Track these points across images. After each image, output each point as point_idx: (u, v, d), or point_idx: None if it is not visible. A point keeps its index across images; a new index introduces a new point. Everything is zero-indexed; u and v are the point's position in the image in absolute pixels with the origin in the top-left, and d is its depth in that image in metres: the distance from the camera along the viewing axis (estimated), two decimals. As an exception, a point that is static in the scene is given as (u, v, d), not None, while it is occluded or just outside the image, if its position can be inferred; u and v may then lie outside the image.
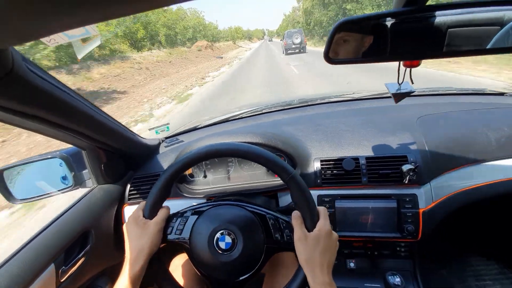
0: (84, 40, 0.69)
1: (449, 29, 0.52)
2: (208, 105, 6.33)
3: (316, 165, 0.92)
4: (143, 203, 0.64)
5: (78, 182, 0.92)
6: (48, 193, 0.91)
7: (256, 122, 1.17)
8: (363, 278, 0.93)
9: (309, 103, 1.29)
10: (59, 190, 0.92)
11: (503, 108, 1.07)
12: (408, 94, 0.60)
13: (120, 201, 0.98)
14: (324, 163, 0.92)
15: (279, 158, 0.60)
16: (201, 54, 24.12)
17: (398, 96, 0.60)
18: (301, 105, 1.28)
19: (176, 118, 5.48)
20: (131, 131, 0.97)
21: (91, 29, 0.47)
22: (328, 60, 0.58)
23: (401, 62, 0.57)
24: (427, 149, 0.89)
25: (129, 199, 0.98)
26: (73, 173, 0.91)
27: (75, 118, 0.67)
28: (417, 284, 0.90)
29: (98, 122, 0.75)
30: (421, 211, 0.85)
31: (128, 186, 0.99)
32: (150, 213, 0.62)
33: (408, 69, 0.58)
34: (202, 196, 0.97)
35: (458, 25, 0.53)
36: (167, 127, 1.16)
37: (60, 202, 2.68)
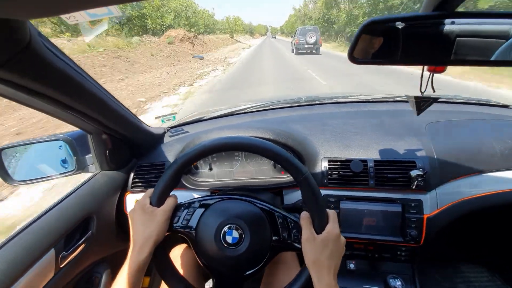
0: (93, 23, 0.66)
1: (457, 38, 0.53)
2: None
3: (323, 165, 0.92)
4: (150, 190, 0.63)
5: (81, 167, 0.90)
6: (48, 176, 0.89)
7: (263, 118, 1.16)
8: (362, 279, 0.94)
9: (317, 102, 1.28)
10: (60, 174, 0.89)
11: (507, 120, 1.08)
12: (432, 102, 0.59)
13: (122, 189, 0.96)
14: (331, 163, 0.92)
15: (293, 157, 0.60)
16: (170, 51, 15.55)
17: (421, 105, 0.59)
18: (308, 103, 1.27)
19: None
20: (138, 118, 0.95)
21: (114, 9, 0.45)
22: (352, 60, 0.57)
23: (426, 68, 0.56)
24: (435, 156, 0.89)
25: (132, 187, 0.96)
26: (76, 157, 0.89)
27: (86, 100, 0.65)
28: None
29: (108, 107, 0.73)
30: (425, 217, 0.85)
31: (132, 174, 0.97)
32: (158, 201, 0.60)
33: (430, 76, 0.58)
34: (206, 188, 0.96)
35: (466, 35, 0.53)
36: (174, 117, 1.14)
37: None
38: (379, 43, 0.59)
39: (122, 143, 0.92)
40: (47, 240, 0.67)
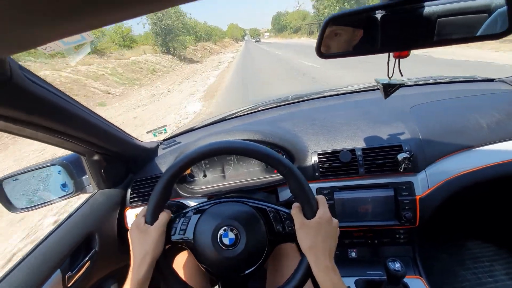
0: (77, 47, 0.69)
1: (438, 19, 0.54)
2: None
3: (313, 159, 0.94)
4: (144, 208, 0.65)
5: (79, 188, 0.93)
6: (49, 201, 0.91)
7: (253, 120, 1.19)
8: (365, 266, 0.95)
9: (304, 99, 1.30)
10: (59, 197, 0.92)
11: (492, 93, 1.09)
12: (398, 87, 0.62)
13: (122, 205, 0.99)
14: (321, 156, 0.94)
15: (275, 152, 0.61)
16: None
17: (388, 90, 0.61)
18: (296, 100, 1.29)
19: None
20: (129, 135, 0.98)
21: (87, 35, 0.48)
22: (320, 55, 0.59)
23: (391, 54, 0.58)
24: (420, 137, 0.91)
25: (130, 203, 0.98)
26: (74, 180, 0.92)
27: (74, 124, 0.68)
28: (418, 269, 0.92)
29: (96, 127, 0.76)
30: (417, 198, 0.87)
31: (129, 189, 0.99)
32: (151, 218, 0.62)
33: (397, 62, 0.60)
34: (202, 195, 0.98)
35: (447, 14, 0.54)
36: (165, 129, 1.17)
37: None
38: (360, 35, 0.61)
39: (116, 161, 0.95)
40: (52, 261, 0.70)
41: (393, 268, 0.74)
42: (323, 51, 0.59)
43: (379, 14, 0.55)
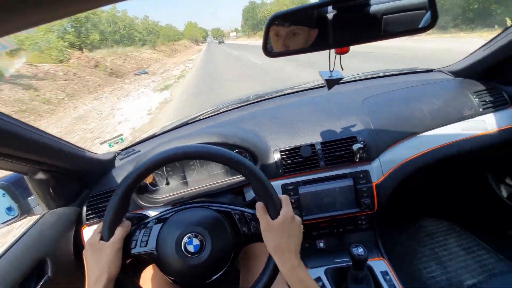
0: (11, 55, 0.63)
1: (383, 16, 0.58)
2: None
3: (276, 156, 0.96)
4: (100, 225, 0.61)
5: (25, 211, 0.84)
6: None
7: (214, 122, 1.17)
8: (333, 255, 0.99)
9: (265, 98, 1.32)
10: (3, 223, 0.83)
11: (432, 83, 1.20)
12: (339, 80, 0.65)
13: (78, 223, 0.92)
14: (283, 153, 0.95)
15: (235, 153, 0.61)
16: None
17: (331, 83, 0.65)
18: (257, 100, 1.31)
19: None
20: (80, 148, 0.91)
21: (7, 42, 0.43)
22: (267, 53, 0.60)
23: (332, 51, 0.61)
24: (372, 127, 0.97)
25: (87, 220, 0.92)
26: (18, 202, 0.83)
27: (9, 142, 0.61)
28: (380, 251, 0.98)
29: (38, 143, 0.69)
30: (374, 184, 0.92)
31: (85, 206, 0.93)
32: (107, 234, 0.59)
33: (336, 57, 0.63)
34: (166, 204, 0.95)
35: (391, 12, 0.58)
36: (121, 139, 1.11)
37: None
38: (315, 34, 0.63)
39: (66, 177, 0.88)
40: None
41: (356, 253, 0.78)
42: (269, 50, 0.60)
43: (330, 13, 0.58)
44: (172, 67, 17.79)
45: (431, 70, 1.35)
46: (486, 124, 1.07)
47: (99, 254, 0.57)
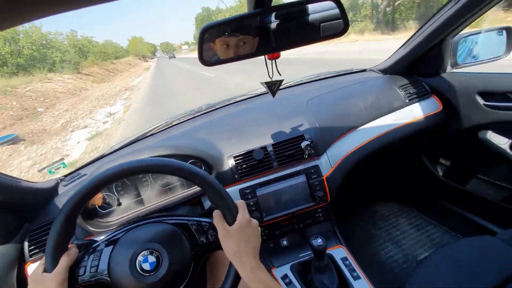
0: None
1: (306, 24, 0.63)
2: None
3: (230, 162, 0.97)
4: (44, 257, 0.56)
5: None
6: None
7: (166, 136, 1.15)
8: (296, 251, 1.03)
9: (217, 107, 1.34)
10: None
11: (365, 81, 1.34)
12: (279, 83, 0.70)
13: (20, 261, 0.82)
14: (237, 158, 0.97)
15: (187, 164, 0.60)
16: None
17: (272, 88, 0.69)
18: (208, 110, 1.32)
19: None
20: (15, 178, 0.83)
21: None
22: (203, 62, 0.62)
23: (266, 58, 0.65)
24: (317, 125, 1.05)
25: (30, 256, 0.83)
26: None
27: None
28: (338, 240, 1.04)
29: None
30: (324, 177, 0.99)
31: (26, 242, 0.83)
32: (51, 265, 0.54)
33: (272, 63, 0.67)
34: (119, 226, 0.90)
35: (306, 21, 0.62)
36: (63, 163, 1.03)
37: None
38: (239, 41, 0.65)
39: (1, 212, 0.79)
40: None
41: (316, 244, 0.82)
42: (206, 59, 0.62)
43: (253, 23, 0.62)
44: (99, 104, 10.94)
45: (364, 70, 1.50)
46: (414, 112, 1.22)
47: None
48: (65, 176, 1.04)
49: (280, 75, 0.69)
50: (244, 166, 0.97)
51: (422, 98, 1.25)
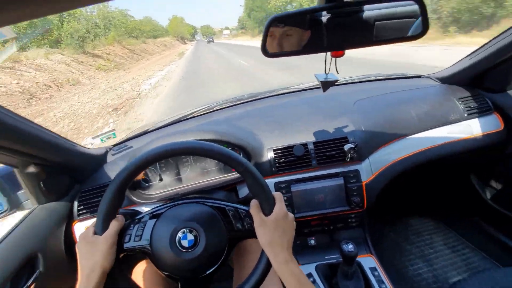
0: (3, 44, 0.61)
1: (376, 22, 0.60)
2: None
3: (269, 155, 0.97)
4: (95, 219, 0.61)
5: (15, 205, 0.83)
6: None
7: (208, 120, 1.18)
8: (323, 252, 1.02)
9: (259, 97, 1.33)
10: None
11: (421, 88, 1.25)
12: (334, 82, 0.67)
13: (69, 219, 0.91)
14: (276, 152, 0.97)
15: (231, 151, 0.62)
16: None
17: (326, 85, 0.67)
18: (251, 99, 1.32)
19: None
20: (72, 142, 0.90)
21: (7, 31, 0.43)
22: (265, 54, 0.61)
23: (328, 53, 0.63)
24: (363, 129, 1.00)
25: (78, 215, 0.91)
26: (7, 196, 0.82)
27: (1, 132, 0.60)
28: (369, 248, 1.01)
29: (29, 135, 0.68)
30: (363, 183, 0.95)
31: (76, 201, 0.92)
32: (101, 228, 0.59)
33: (332, 60, 0.65)
34: (159, 200, 0.95)
35: (383, 18, 0.61)
36: (114, 134, 1.10)
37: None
38: (307, 35, 0.65)
39: (57, 171, 0.87)
40: None
41: (346, 249, 0.80)
42: (269, 50, 0.61)
43: (324, 17, 0.60)
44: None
45: (419, 76, 1.39)
46: (472, 128, 1.12)
47: (92, 248, 0.57)
48: (113, 146, 1.11)
49: (338, 73, 0.66)
50: (283, 160, 0.97)
51: (483, 114, 1.14)
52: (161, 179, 0.99)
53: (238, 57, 15.16)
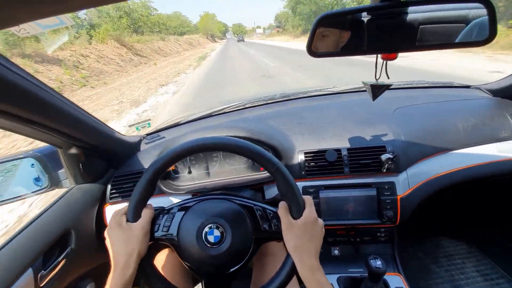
0: (53, 33, 0.65)
1: (420, 26, 0.56)
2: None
3: (300, 157, 0.94)
4: (125, 207, 0.62)
5: (54, 183, 0.88)
6: (20, 196, 0.86)
7: (239, 117, 1.17)
8: (347, 264, 0.97)
9: (291, 97, 1.31)
10: (32, 192, 0.87)
11: (469, 99, 1.15)
12: (386, 88, 0.63)
13: (101, 201, 0.95)
14: (307, 155, 0.94)
15: (264, 150, 0.61)
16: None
17: (375, 89, 0.63)
18: (283, 99, 1.29)
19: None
20: (111, 128, 0.94)
21: (66, 18, 0.45)
22: (311, 53, 0.59)
23: (379, 56, 0.59)
24: (403, 139, 0.94)
25: (110, 198, 0.94)
26: (49, 174, 0.87)
27: (50, 114, 0.64)
28: (396, 266, 0.95)
29: (75, 118, 0.72)
30: (399, 197, 0.90)
31: (109, 185, 0.95)
32: (134, 216, 0.60)
33: (384, 64, 0.61)
34: (187, 192, 0.96)
35: (429, 22, 0.56)
36: (148, 123, 1.13)
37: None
38: (347, 36, 0.62)
39: (95, 155, 0.90)
40: (23, 260, 0.65)
41: (374, 265, 0.76)
42: (314, 50, 0.59)
43: (365, 18, 0.57)
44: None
45: (468, 86, 1.29)
46: None
47: (129, 234, 0.58)
48: (147, 135, 1.15)
49: (389, 78, 0.62)
50: (313, 164, 0.93)
51: None
52: (189, 172, 1.01)
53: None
